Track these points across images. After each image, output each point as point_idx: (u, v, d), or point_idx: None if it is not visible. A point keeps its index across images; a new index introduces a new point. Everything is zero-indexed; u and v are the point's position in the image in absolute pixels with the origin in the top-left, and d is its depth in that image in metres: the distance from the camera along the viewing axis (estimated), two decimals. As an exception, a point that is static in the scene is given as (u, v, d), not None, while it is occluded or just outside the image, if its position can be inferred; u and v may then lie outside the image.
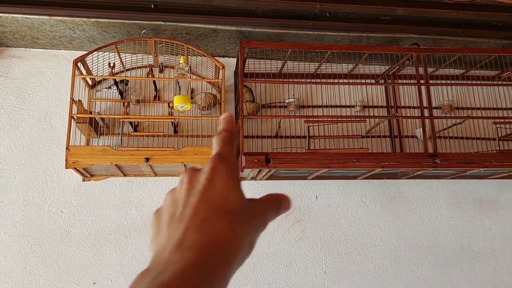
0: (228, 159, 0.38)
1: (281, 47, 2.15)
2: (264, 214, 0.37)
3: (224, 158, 0.38)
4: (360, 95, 2.48)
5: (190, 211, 0.33)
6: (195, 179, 0.36)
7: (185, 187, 0.36)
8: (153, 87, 2.37)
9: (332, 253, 2.28)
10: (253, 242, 0.36)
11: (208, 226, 0.32)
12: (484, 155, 2.06)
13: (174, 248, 0.31)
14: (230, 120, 0.43)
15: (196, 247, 0.31)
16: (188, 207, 0.34)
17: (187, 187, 0.36)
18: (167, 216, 0.35)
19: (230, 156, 0.39)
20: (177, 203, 0.35)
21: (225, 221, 0.33)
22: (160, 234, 0.34)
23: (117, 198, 2.23)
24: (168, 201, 0.37)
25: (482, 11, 2.21)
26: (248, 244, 0.35)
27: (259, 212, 0.37)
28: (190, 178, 0.37)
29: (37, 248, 2.12)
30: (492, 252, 2.36)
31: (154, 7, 2.15)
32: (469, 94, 2.53)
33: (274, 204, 0.39)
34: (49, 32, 2.25)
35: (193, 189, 0.35)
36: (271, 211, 0.38)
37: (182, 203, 0.35)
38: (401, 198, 2.39)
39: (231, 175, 0.36)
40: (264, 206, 0.38)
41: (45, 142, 2.27)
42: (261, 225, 0.37)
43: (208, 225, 0.32)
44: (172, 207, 0.36)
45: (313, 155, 2.00)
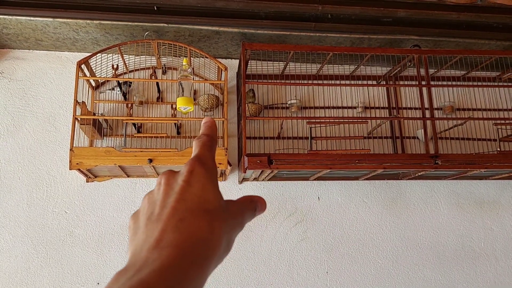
0: (206, 162, 0.38)
1: (283, 49, 2.16)
2: (241, 215, 0.38)
3: (202, 161, 0.38)
4: (362, 97, 2.50)
5: (168, 211, 0.34)
6: (172, 180, 0.37)
7: (162, 189, 0.36)
8: (156, 88, 2.39)
9: (334, 253, 2.29)
10: (231, 241, 0.37)
11: (185, 225, 0.33)
12: (485, 156, 2.07)
13: (152, 247, 0.31)
14: (211, 125, 0.44)
15: (173, 246, 0.31)
16: (165, 208, 0.34)
17: (164, 189, 0.36)
18: (144, 217, 0.35)
19: (208, 159, 0.39)
20: (155, 204, 0.36)
21: (203, 220, 0.33)
22: (137, 234, 0.35)
23: (120, 199, 2.25)
24: (146, 203, 0.37)
25: (482, 13, 2.22)
26: (225, 243, 0.35)
27: (236, 213, 0.38)
28: (168, 180, 0.37)
29: (41, 248, 2.14)
30: (493, 252, 2.37)
31: (157, 9, 2.17)
32: (470, 95, 2.54)
33: (250, 206, 0.40)
34: (52, 34, 2.26)
35: (171, 190, 0.36)
36: (248, 212, 0.39)
37: (159, 204, 0.35)
38: (403, 199, 2.40)
39: (209, 177, 0.37)
40: (241, 207, 0.39)
41: (49, 143, 2.28)
42: (238, 225, 0.38)
43: (185, 225, 0.33)
44: (149, 208, 0.36)
45: (315, 156, 2.01)
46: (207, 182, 0.36)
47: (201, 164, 0.37)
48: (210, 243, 0.33)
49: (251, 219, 0.39)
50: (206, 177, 0.37)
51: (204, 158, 0.39)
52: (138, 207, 0.38)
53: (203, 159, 0.38)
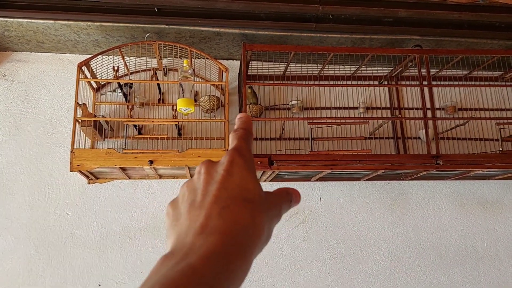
0: (244, 153, 0.39)
1: (284, 50, 2.16)
2: (278, 206, 0.39)
3: (241, 152, 0.39)
4: (364, 97, 2.49)
5: (210, 199, 0.34)
6: (213, 170, 0.37)
7: (203, 177, 0.37)
8: (157, 90, 2.39)
9: (335, 254, 2.28)
10: (270, 231, 0.37)
11: (228, 213, 0.33)
12: (487, 156, 2.06)
13: (197, 233, 0.32)
14: (246, 120, 0.45)
15: (218, 233, 0.32)
16: (208, 195, 0.35)
17: (205, 177, 0.37)
18: (186, 204, 0.36)
19: (246, 151, 0.40)
20: (196, 192, 0.36)
21: (245, 209, 0.34)
22: (180, 221, 0.35)
23: (122, 200, 2.25)
24: (185, 190, 0.38)
25: (484, 12, 2.21)
26: (266, 232, 0.36)
27: (274, 203, 0.38)
28: (208, 169, 0.38)
29: (43, 250, 2.14)
30: (496, 253, 2.36)
31: (157, 10, 2.17)
32: (473, 95, 2.52)
33: (286, 198, 0.40)
34: (54, 36, 2.27)
35: (212, 179, 0.36)
36: (285, 203, 0.40)
37: (201, 191, 0.36)
38: (405, 199, 2.39)
39: (248, 168, 0.38)
40: (278, 198, 0.40)
41: (51, 145, 2.29)
42: (276, 215, 0.38)
43: (228, 212, 0.33)
44: (191, 195, 0.36)
45: (316, 156, 2.01)
46: (246, 172, 0.37)
47: (240, 155, 0.38)
48: (252, 231, 0.33)
49: (287, 210, 0.40)
50: (246, 167, 0.37)
51: (242, 149, 0.40)
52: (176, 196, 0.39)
53: (241, 151, 0.39)
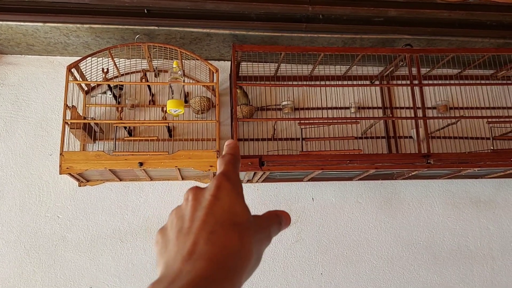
0: (231, 177, 0.39)
1: (274, 50, 2.16)
2: (268, 228, 0.39)
3: (228, 176, 0.39)
4: (356, 97, 2.48)
5: (198, 224, 0.34)
6: (200, 195, 0.37)
7: (190, 204, 0.37)
8: (148, 91, 2.38)
9: (328, 254, 2.27)
10: (260, 254, 0.37)
11: (216, 238, 0.33)
12: (478, 154, 2.06)
13: (185, 259, 0.32)
14: (234, 146, 0.45)
15: (206, 258, 0.32)
16: (195, 221, 0.35)
17: (192, 204, 0.37)
18: (174, 231, 0.36)
19: (233, 175, 0.40)
20: (184, 218, 0.36)
21: (233, 233, 0.34)
22: (168, 248, 0.35)
23: (113, 202, 2.24)
24: (174, 217, 0.37)
25: (475, 11, 2.21)
26: (256, 255, 0.36)
27: (264, 226, 0.39)
28: (195, 195, 0.38)
29: (34, 253, 2.13)
30: (489, 252, 2.35)
31: (147, 12, 2.16)
32: (465, 94, 2.52)
33: (276, 220, 0.41)
34: (43, 38, 2.26)
35: (199, 205, 0.36)
36: (274, 225, 0.40)
37: (188, 217, 0.36)
38: (397, 199, 2.39)
39: (236, 192, 0.38)
40: (267, 220, 0.40)
41: (41, 148, 2.28)
42: (266, 238, 0.38)
43: (216, 237, 0.33)
44: (178, 222, 0.36)
45: (306, 157, 2.00)
46: (234, 196, 0.37)
47: (227, 179, 0.38)
48: (241, 255, 0.34)
49: (277, 233, 0.40)
50: (233, 191, 0.38)
51: (229, 173, 0.40)
52: (164, 223, 0.39)
53: (228, 175, 0.39)
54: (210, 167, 2.02)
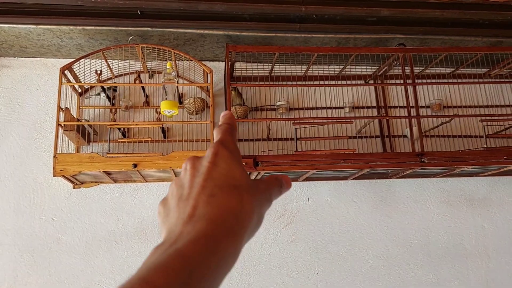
0: (229, 144, 0.40)
1: (268, 51, 2.16)
2: (268, 191, 0.40)
3: (225, 144, 0.40)
4: (350, 96, 2.49)
5: (197, 189, 0.35)
6: (198, 163, 0.38)
7: (189, 172, 0.38)
8: (143, 93, 2.38)
9: (324, 254, 2.28)
10: (261, 216, 0.38)
11: (216, 200, 0.34)
12: (472, 153, 2.06)
13: (185, 222, 0.32)
14: (230, 116, 0.46)
15: (206, 219, 0.32)
16: (194, 187, 0.36)
17: (191, 172, 0.37)
18: (174, 199, 0.37)
19: (231, 143, 0.41)
20: (183, 186, 0.37)
21: (232, 195, 0.35)
22: (170, 215, 0.36)
23: (107, 204, 2.23)
24: (173, 187, 0.38)
25: (467, 10, 2.21)
26: (256, 216, 0.36)
27: (264, 189, 0.39)
28: (193, 164, 0.38)
29: (29, 256, 2.13)
30: (484, 250, 2.36)
31: (140, 13, 2.16)
32: (459, 92, 2.53)
33: (276, 183, 0.41)
34: (36, 41, 2.25)
35: (198, 172, 0.37)
36: (275, 189, 0.41)
37: (188, 185, 0.36)
38: (392, 198, 2.39)
39: (233, 158, 0.38)
40: (268, 183, 0.41)
41: (35, 150, 2.27)
42: (267, 200, 0.39)
43: (216, 199, 0.34)
44: (178, 191, 0.37)
45: (301, 156, 2.00)
46: (231, 162, 0.38)
47: (224, 147, 0.39)
48: (241, 216, 0.34)
49: (278, 196, 0.41)
50: (231, 157, 0.38)
51: (227, 142, 0.40)
52: (165, 195, 0.39)
53: (225, 143, 0.40)
54: (204, 167, 2.02)
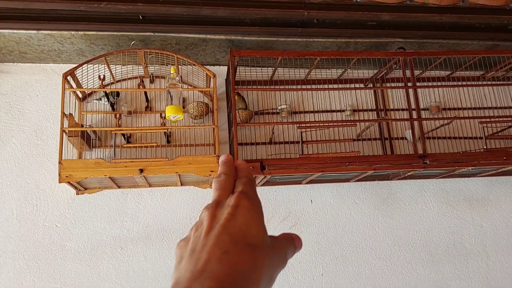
0: (252, 196, 0.40)
1: (271, 55, 2.18)
2: (284, 250, 0.40)
3: (247, 195, 0.39)
4: (351, 99, 2.52)
5: (212, 242, 0.34)
6: (218, 213, 0.38)
7: (207, 222, 0.37)
8: (145, 98, 2.38)
9: (328, 255, 2.30)
10: (273, 277, 0.38)
11: (228, 258, 0.33)
12: (472, 154, 2.11)
13: (194, 278, 0.32)
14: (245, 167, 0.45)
15: (215, 278, 0.32)
16: (210, 239, 0.35)
17: (209, 222, 0.37)
18: (189, 247, 0.36)
19: (253, 195, 0.40)
20: (200, 235, 0.36)
21: (246, 254, 0.34)
22: (182, 263, 0.35)
23: (111, 210, 2.23)
24: (191, 234, 0.38)
25: (464, 14, 2.26)
26: (267, 278, 0.36)
27: (280, 248, 0.39)
28: (213, 212, 0.38)
29: (33, 263, 2.11)
30: (483, 248, 2.41)
31: (142, 18, 2.16)
32: (456, 94, 2.58)
33: (291, 243, 0.42)
34: (37, 46, 2.24)
35: (216, 223, 0.37)
36: (290, 248, 0.41)
37: (204, 235, 0.36)
38: (394, 199, 2.43)
39: (254, 212, 0.38)
40: (284, 242, 0.41)
41: (37, 156, 2.26)
42: (281, 261, 0.39)
43: (229, 257, 0.33)
44: (195, 239, 0.36)
45: (307, 160, 2.02)
46: (252, 216, 0.37)
47: (247, 198, 0.38)
48: (251, 278, 0.33)
49: (292, 256, 0.41)
50: (252, 211, 0.38)
51: (249, 193, 0.40)
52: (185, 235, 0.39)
53: (248, 194, 0.39)
54: (210, 172, 2.03)
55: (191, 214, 2.26)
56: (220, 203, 0.39)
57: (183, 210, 2.27)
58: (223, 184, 0.42)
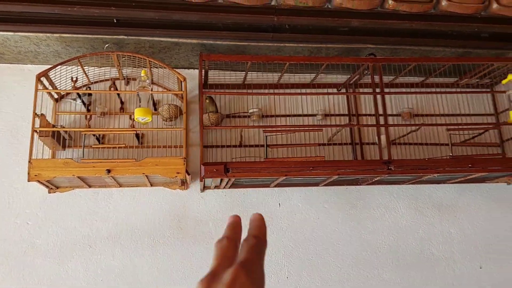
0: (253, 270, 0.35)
1: (240, 60, 2.21)
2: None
3: (248, 268, 0.35)
4: (322, 104, 2.54)
5: None
6: None
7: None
8: (119, 99, 2.42)
9: (294, 258, 2.33)
10: None
11: None
12: (437, 161, 2.13)
13: None
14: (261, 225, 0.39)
15: None
16: None
17: None
18: None
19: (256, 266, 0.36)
20: None
21: None
22: None
23: (82, 209, 2.27)
24: None
25: (435, 21, 2.27)
26: None
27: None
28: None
29: (3, 260, 2.15)
30: (451, 255, 2.42)
31: (116, 21, 2.20)
32: (432, 101, 2.60)
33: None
34: (14, 47, 2.29)
35: None
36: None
37: None
38: (363, 204, 2.45)
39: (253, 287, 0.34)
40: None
41: (12, 155, 2.30)
42: None
43: None
44: None
45: (270, 163, 2.05)
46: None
47: (246, 272, 0.35)
48: None
49: None
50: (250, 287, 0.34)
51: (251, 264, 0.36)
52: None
53: (249, 267, 0.35)
54: (176, 173, 2.06)
55: (160, 215, 2.30)
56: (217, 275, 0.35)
57: (153, 210, 2.30)
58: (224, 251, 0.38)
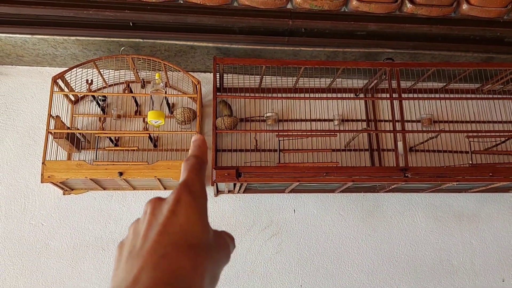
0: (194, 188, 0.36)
1: (255, 63, 2.19)
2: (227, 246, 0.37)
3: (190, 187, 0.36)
4: (340, 109, 2.50)
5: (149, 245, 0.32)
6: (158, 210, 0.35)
7: (147, 219, 0.35)
8: (134, 102, 2.43)
9: (308, 266, 2.28)
10: (216, 277, 0.35)
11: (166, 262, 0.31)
12: (456, 169, 2.06)
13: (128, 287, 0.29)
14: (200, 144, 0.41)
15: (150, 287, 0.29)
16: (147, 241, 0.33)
17: (149, 219, 0.35)
18: (127, 250, 0.34)
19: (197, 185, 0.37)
20: (138, 236, 0.34)
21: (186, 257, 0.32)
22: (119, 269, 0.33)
23: (96, 211, 2.28)
24: (131, 233, 0.35)
25: (455, 26, 2.21)
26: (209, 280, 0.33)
27: (224, 244, 0.37)
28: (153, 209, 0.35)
29: (17, 260, 2.17)
30: (472, 267, 2.33)
31: (132, 25, 2.21)
32: (450, 107, 2.52)
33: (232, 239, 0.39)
34: (32, 50, 2.32)
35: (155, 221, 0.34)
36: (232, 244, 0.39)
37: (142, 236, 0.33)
38: (380, 212, 2.38)
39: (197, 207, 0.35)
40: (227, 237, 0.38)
41: (28, 156, 2.33)
42: (225, 257, 0.37)
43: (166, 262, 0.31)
44: (133, 240, 0.34)
45: (283, 168, 2.02)
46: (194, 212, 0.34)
47: (189, 192, 0.36)
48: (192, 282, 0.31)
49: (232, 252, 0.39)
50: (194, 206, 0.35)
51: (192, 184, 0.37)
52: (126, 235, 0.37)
53: (191, 186, 0.36)
54: (189, 177, 2.04)
55: (172, 219, 2.28)
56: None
57: (165, 214, 2.29)
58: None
